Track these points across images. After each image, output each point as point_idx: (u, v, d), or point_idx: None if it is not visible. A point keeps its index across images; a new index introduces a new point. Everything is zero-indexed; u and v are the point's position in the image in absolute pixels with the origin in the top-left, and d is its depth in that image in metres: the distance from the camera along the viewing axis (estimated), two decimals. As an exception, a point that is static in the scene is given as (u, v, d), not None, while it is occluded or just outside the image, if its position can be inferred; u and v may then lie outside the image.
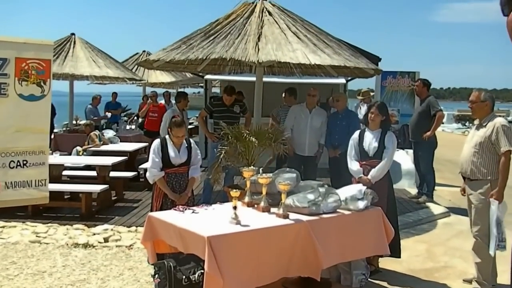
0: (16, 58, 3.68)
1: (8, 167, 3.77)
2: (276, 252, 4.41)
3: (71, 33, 13.22)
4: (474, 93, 5.33)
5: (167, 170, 5.52)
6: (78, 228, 7.26)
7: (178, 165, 5.55)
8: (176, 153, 5.55)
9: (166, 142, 5.57)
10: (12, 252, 6.30)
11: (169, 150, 5.53)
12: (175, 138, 5.54)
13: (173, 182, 5.58)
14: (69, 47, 12.65)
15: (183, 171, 5.61)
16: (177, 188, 5.58)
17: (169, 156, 5.51)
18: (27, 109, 3.78)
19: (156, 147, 5.53)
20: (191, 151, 5.66)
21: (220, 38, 7.51)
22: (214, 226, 4.33)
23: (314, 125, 7.85)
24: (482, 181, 5.14)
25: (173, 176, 5.58)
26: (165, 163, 5.50)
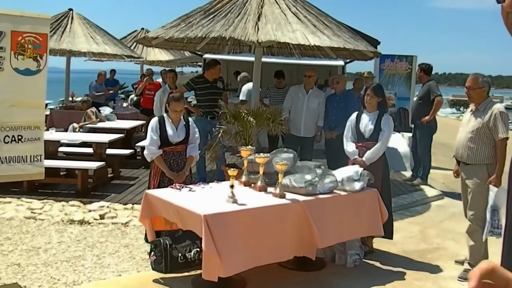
0: (12, 32, 3.63)
1: (3, 142, 3.73)
2: (272, 231, 4.44)
3: (69, 9, 13.06)
4: (471, 78, 5.23)
5: (165, 148, 5.45)
6: (74, 205, 7.24)
7: (176, 143, 5.49)
8: (174, 131, 5.48)
9: (164, 120, 5.49)
10: (7, 228, 6.29)
11: (167, 128, 5.45)
12: (173, 113, 5.45)
13: (171, 161, 5.51)
14: (66, 22, 12.47)
15: (180, 149, 5.55)
16: (174, 166, 5.51)
17: (167, 134, 5.43)
18: (22, 84, 3.74)
19: (154, 125, 5.46)
20: (189, 129, 5.59)
21: (220, 17, 7.43)
22: (211, 204, 4.35)
23: (311, 106, 7.82)
24: (478, 166, 5.14)
25: (171, 154, 5.51)
26: (163, 141, 5.44)
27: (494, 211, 4.87)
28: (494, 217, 4.87)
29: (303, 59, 10.03)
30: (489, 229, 4.88)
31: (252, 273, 4.66)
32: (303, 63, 10.95)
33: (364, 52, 8.14)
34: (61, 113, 11.87)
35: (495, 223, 4.89)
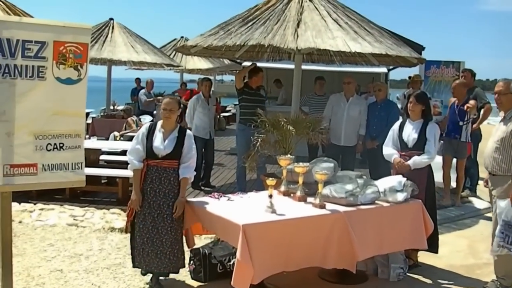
0: (54, 42, 3.68)
1: (46, 150, 3.78)
2: (310, 242, 4.36)
3: (110, 18, 13.30)
4: (502, 82, 4.94)
5: (149, 161, 4.64)
6: (115, 213, 7.31)
7: (162, 157, 4.63)
8: (161, 142, 4.63)
9: (155, 128, 4.69)
10: (50, 235, 6.40)
11: (154, 137, 4.64)
12: (162, 113, 4.68)
13: (153, 177, 4.64)
14: (107, 32, 12.72)
15: (167, 165, 4.63)
16: (156, 184, 4.63)
17: (152, 145, 4.62)
18: (64, 93, 3.77)
19: (141, 132, 4.72)
20: (183, 143, 4.67)
21: (258, 24, 7.42)
22: (250, 214, 4.30)
23: (352, 114, 7.65)
24: (503, 177, 4.86)
25: (154, 169, 4.64)
26: (148, 153, 4.63)
27: (506, 225, 4.59)
28: (507, 231, 4.60)
29: (345, 66, 9.91)
30: (501, 244, 4.62)
31: (291, 285, 4.57)
32: (345, 70, 10.80)
33: (407, 58, 7.98)
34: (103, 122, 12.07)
35: (509, 239, 4.60)
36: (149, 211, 4.63)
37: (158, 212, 4.62)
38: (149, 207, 4.64)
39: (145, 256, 4.66)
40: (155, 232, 4.62)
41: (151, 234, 4.63)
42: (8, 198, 3.84)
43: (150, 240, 4.63)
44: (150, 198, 4.64)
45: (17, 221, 6.80)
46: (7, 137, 3.63)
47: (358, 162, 8.51)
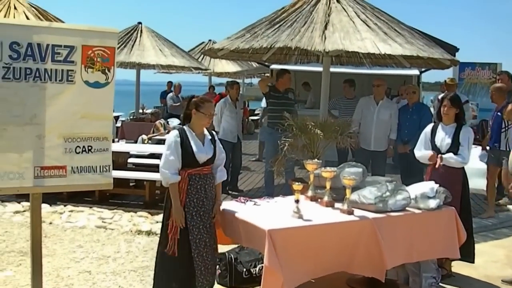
0: (82, 46, 3.73)
1: (75, 152, 3.83)
2: (337, 248, 4.28)
3: (138, 22, 13.44)
4: None
5: (189, 171, 4.21)
6: (142, 216, 7.37)
7: (202, 164, 4.28)
8: (201, 146, 4.25)
9: (186, 133, 4.26)
10: (79, 236, 6.49)
11: (191, 144, 4.22)
12: (203, 120, 4.27)
13: (198, 187, 4.24)
14: (136, 36, 12.86)
15: (207, 171, 4.31)
16: (202, 194, 4.25)
17: (192, 151, 4.20)
18: (92, 96, 3.82)
19: (173, 141, 4.19)
20: (216, 145, 4.40)
21: (285, 26, 7.37)
22: (276, 219, 4.24)
23: (382, 118, 7.51)
24: None
25: (197, 178, 4.24)
26: (187, 162, 4.19)
27: None
28: None
29: (375, 69, 9.77)
30: None
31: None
32: (375, 73, 10.66)
33: (440, 60, 7.81)
34: (131, 125, 12.17)
35: None
36: (203, 223, 4.23)
37: (209, 222, 4.30)
38: (201, 220, 4.22)
39: (208, 273, 4.27)
40: (212, 243, 4.31)
41: (209, 248, 4.27)
42: (38, 199, 3.89)
43: (209, 253, 4.27)
44: (199, 210, 4.23)
45: (48, 222, 6.93)
46: (38, 140, 3.69)
47: (390, 167, 8.35)
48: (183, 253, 4.18)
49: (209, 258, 4.26)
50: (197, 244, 4.19)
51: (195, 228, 4.20)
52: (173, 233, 4.17)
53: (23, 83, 3.59)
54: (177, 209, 4.15)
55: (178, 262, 4.20)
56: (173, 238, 4.18)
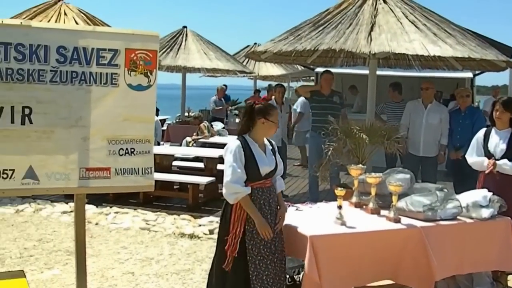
0: (126, 49, 3.77)
1: (118, 154, 3.87)
2: (382, 257, 4.13)
3: (183, 26, 13.57)
4: None
5: (251, 184, 3.86)
6: (185, 219, 7.40)
7: (265, 176, 3.94)
8: (264, 158, 3.93)
9: (248, 144, 3.91)
10: (124, 238, 6.57)
11: (255, 155, 3.89)
12: (274, 127, 3.98)
13: (261, 201, 3.89)
14: (181, 39, 13.01)
15: (269, 184, 3.97)
16: (266, 209, 3.91)
17: (256, 163, 3.87)
18: (134, 99, 3.85)
19: (237, 151, 3.85)
20: (276, 155, 4.09)
21: (330, 28, 7.25)
22: (318, 225, 4.14)
23: (431, 122, 7.23)
24: None
25: (260, 191, 3.90)
26: (250, 174, 3.85)
27: None
28: None
29: (425, 71, 9.49)
30: None
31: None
32: (425, 76, 10.37)
33: (494, 62, 7.49)
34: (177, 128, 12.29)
35: None
36: (264, 242, 3.85)
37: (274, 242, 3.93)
38: (262, 239, 3.84)
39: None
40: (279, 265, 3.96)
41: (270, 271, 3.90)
42: (82, 200, 3.96)
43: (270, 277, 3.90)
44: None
45: (94, 223, 7.06)
46: (83, 142, 3.75)
47: (442, 174, 8.08)
48: (240, 271, 3.86)
49: (269, 281, 3.88)
50: (256, 265, 3.85)
51: (255, 248, 3.85)
52: (232, 250, 3.84)
53: (69, 86, 3.66)
54: (261, 221, 3.79)
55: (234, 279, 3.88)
56: (230, 255, 3.84)
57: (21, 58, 3.50)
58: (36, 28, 3.61)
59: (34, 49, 3.53)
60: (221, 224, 4.05)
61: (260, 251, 3.86)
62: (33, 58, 3.53)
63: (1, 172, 3.54)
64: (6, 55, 3.45)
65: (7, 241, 6.27)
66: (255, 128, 3.95)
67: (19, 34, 3.50)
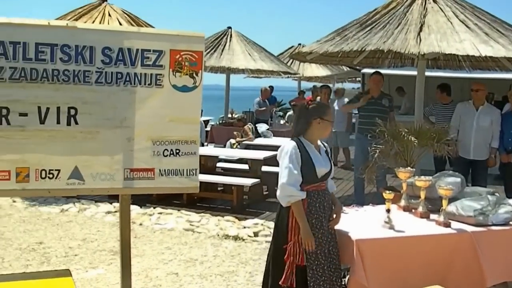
0: (170, 50, 3.75)
1: (162, 155, 3.85)
2: (430, 262, 4.01)
3: (228, 27, 13.61)
4: None
5: (307, 187, 3.74)
6: (229, 220, 7.39)
7: (321, 178, 3.84)
8: (320, 159, 3.83)
9: (304, 145, 3.81)
10: (167, 238, 6.60)
11: (311, 156, 3.78)
12: (330, 126, 3.91)
13: (317, 205, 3.78)
14: (225, 40, 13.05)
15: (324, 186, 3.86)
16: (321, 214, 3.80)
17: (313, 165, 3.76)
18: (180, 100, 3.82)
19: (293, 152, 3.73)
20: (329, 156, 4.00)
21: (377, 29, 7.16)
22: (365, 229, 4.06)
23: (482, 124, 7.00)
24: None
25: (316, 195, 3.80)
26: (306, 177, 3.74)
27: None
28: None
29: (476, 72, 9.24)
30: None
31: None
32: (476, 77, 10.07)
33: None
34: (221, 130, 12.33)
35: None
36: (321, 247, 3.76)
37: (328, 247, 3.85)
38: (319, 244, 3.75)
39: None
40: (333, 269, 3.86)
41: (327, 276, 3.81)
42: (127, 200, 3.96)
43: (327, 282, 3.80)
44: (318, 232, 3.77)
45: (138, 224, 7.12)
46: (128, 142, 3.75)
47: (493, 177, 7.83)
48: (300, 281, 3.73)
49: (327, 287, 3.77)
50: (314, 270, 3.73)
51: (312, 254, 3.72)
52: (292, 260, 3.68)
53: (114, 87, 3.66)
54: (307, 231, 3.67)
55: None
56: (291, 266, 3.69)
57: (67, 59, 3.52)
58: (82, 29, 3.63)
59: (80, 50, 3.55)
60: (276, 231, 3.91)
61: (317, 256, 3.76)
62: (78, 59, 3.55)
63: (47, 172, 3.57)
64: (52, 56, 3.48)
65: (52, 240, 6.40)
66: (311, 128, 3.85)
67: (65, 35, 3.52)
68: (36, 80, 3.46)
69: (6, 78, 3.39)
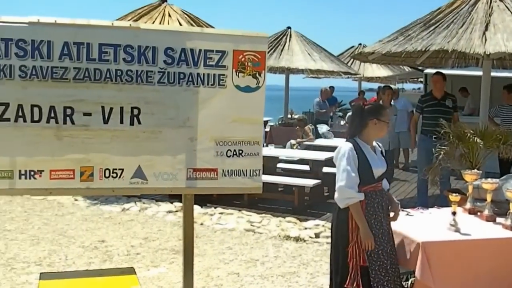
0: (233, 51, 3.75)
1: (225, 156, 3.85)
2: (498, 266, 3.90)
3: (287, 27, 13.60)
4: None
5: (364, 188, 3.75)
6: (290, 221, 7.39)
7: (377, 178, 3.83)
8: (376, 160, 3.83)
9: (360, 146, 3.81)
10: (228, 238, 6.66)
11: (368, 157, 3.78)
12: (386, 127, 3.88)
13: (375, 204, 3.79)
14: (285, 40, 13.03)
15: (380, 186, 3.87)
16: (380, 214, 3.80)
17: (370, 166, 3.77)
18: (243, 100, 3.82)
19: (350, 154, 3.73)
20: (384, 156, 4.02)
21: (441, 28, 7.01)
22: (430, 231, 3.99)
23: None
24: None
25: (374, 195, 3.79)
26: (364, 178, 3.75)
27: None
28: None
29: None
30: None
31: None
32: None
33: None
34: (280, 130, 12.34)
35: None
36: (382, 247, 3.76)
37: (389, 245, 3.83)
38: (380, 244, 3.75)
39: None
40: (394, 268, 3.85)
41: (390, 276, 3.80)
42: (190, 200, 3.98)
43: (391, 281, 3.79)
44: (378, 231, 3.77)
45: (199, 223, 7.21)
46: (190, 142, 3.76)
47: None
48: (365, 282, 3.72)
49: (390, 286, 3.77)
50: (376, 271, 3.72)
51: (373, 254, 3.72)
52: (354, 262, 3.69)
53: (176, 87, 3.68)
54: (366, 231, 3.67)
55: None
56: (355, 268, 3.69)
57: (130, 60, 3.56)
58: (145, 30, 3.67)
59: (143, 50, 3.58)
60: (335, 234, 3.89)
61: (379, 256, 3.75)
62: (141, 60, 3.58)
63: (110, 171, 3.62)
64: (115, 57, 3.53)
65: (114, 239, 6.56)
66: (367, 129, 3.85)
67: (128, 36, 3.56)
68: (100, 80, 3.52)
69: (70, 79, 3.46)
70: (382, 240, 3.76)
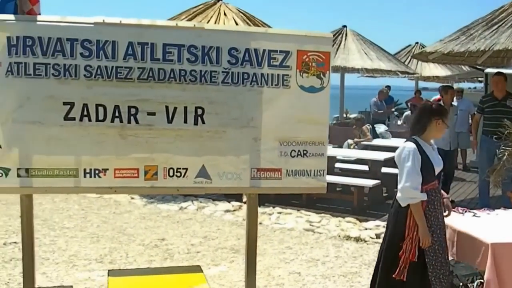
0: (297, 51, 3.74)
1: (290, 156, 3.84)
2: None
3: (343, 25, 13.47)
4: None
5: (425, 187, 3.83)
6: (350, 221, 7.34)
7: (436, 176, 3.97)
8: (436, 158, 3.93)
9: (421, 145, 3.87)
10: (288, 238, 6.66)
11: (429, 156, 3.87)
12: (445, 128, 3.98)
13: (435, 202, 3.88)
14: (340, 39, 12.91)
15: (437, 184, 3.99)
16: (438, 210, 3.90)
17: (432, 165, 3.87)
18: (307, 101, 3.80)
19: (415, 154, 3.80)
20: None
21: (504, 27, 6.86)
22: (499, 232, 3.91)
23: None
24: None
25: (434, 193, 3.89)
26: (427, 176, 3.83)
27: None
28: None
29: None
30: None
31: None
32: None
33: None
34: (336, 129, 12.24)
35: None
36: (439, 243, 3.84)
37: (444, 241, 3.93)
38: (438, 240, 3.83)
39: None
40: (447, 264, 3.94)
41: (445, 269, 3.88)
42: (254, 200, 3.96)
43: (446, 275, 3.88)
44: (436, 228, 3.85)
45: (258, 223, 7.21)
46: (254, 142, 3.76)
47: None
48: (415, 277, 3.82)
49: (445, 280, 3.85)
50: (434, 265, 3.80)
51: (431, 249, 3.81)
52: (406, 257, 3.79)
53: (240, 87, 3.69)
54: (425, 230, 3.75)
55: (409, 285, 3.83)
56: (405, 261, 3.80)
57: (193, 60, 3.58)
58: (209, 30, 3.69)
59: (206, 50, 3.60)
60: (392, 229, 3.95)
61: (435, 251, 3.82)
62: (205, 60, 3.60)
63: (174, 171, 3.65)
64: (179, 57, 3.56)
65: (174, 237, 6.62)
66: (429, 128, 3.91)
67: (192, 36, 3.59)
68: (164, 80, 3.55)
69: (134, 78, 3.51)
70: (439, 236, 3.85)
